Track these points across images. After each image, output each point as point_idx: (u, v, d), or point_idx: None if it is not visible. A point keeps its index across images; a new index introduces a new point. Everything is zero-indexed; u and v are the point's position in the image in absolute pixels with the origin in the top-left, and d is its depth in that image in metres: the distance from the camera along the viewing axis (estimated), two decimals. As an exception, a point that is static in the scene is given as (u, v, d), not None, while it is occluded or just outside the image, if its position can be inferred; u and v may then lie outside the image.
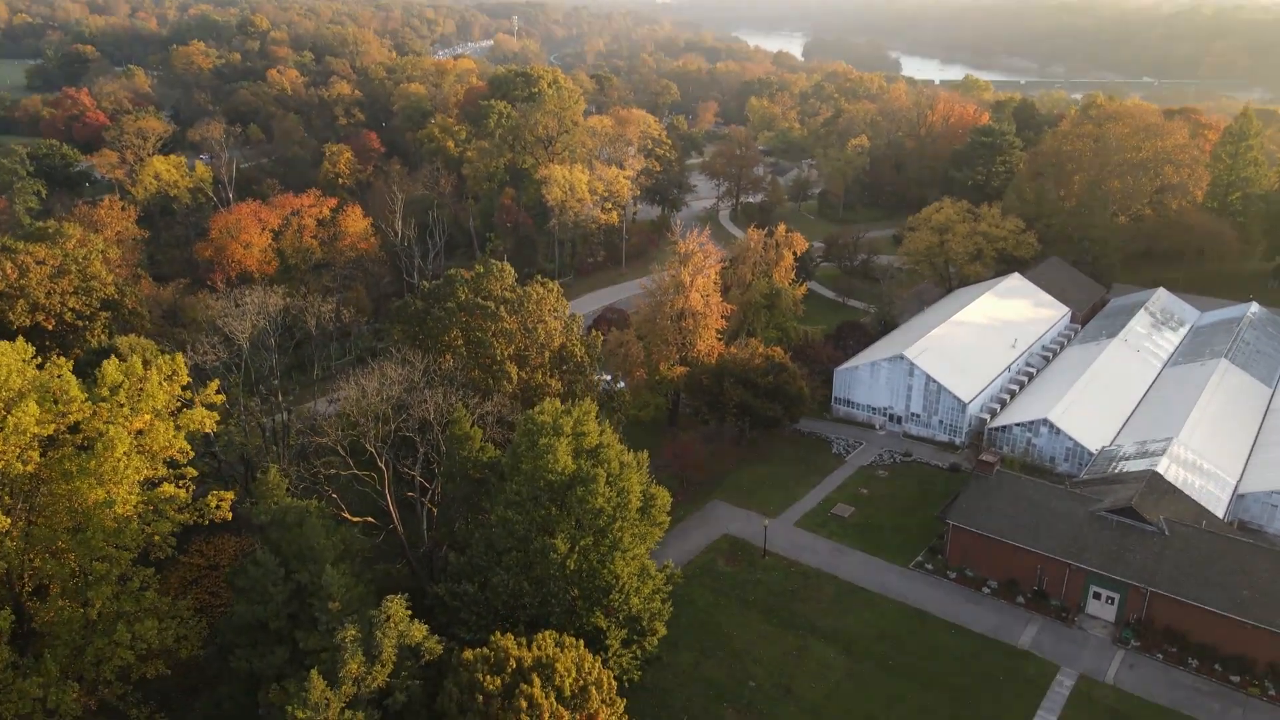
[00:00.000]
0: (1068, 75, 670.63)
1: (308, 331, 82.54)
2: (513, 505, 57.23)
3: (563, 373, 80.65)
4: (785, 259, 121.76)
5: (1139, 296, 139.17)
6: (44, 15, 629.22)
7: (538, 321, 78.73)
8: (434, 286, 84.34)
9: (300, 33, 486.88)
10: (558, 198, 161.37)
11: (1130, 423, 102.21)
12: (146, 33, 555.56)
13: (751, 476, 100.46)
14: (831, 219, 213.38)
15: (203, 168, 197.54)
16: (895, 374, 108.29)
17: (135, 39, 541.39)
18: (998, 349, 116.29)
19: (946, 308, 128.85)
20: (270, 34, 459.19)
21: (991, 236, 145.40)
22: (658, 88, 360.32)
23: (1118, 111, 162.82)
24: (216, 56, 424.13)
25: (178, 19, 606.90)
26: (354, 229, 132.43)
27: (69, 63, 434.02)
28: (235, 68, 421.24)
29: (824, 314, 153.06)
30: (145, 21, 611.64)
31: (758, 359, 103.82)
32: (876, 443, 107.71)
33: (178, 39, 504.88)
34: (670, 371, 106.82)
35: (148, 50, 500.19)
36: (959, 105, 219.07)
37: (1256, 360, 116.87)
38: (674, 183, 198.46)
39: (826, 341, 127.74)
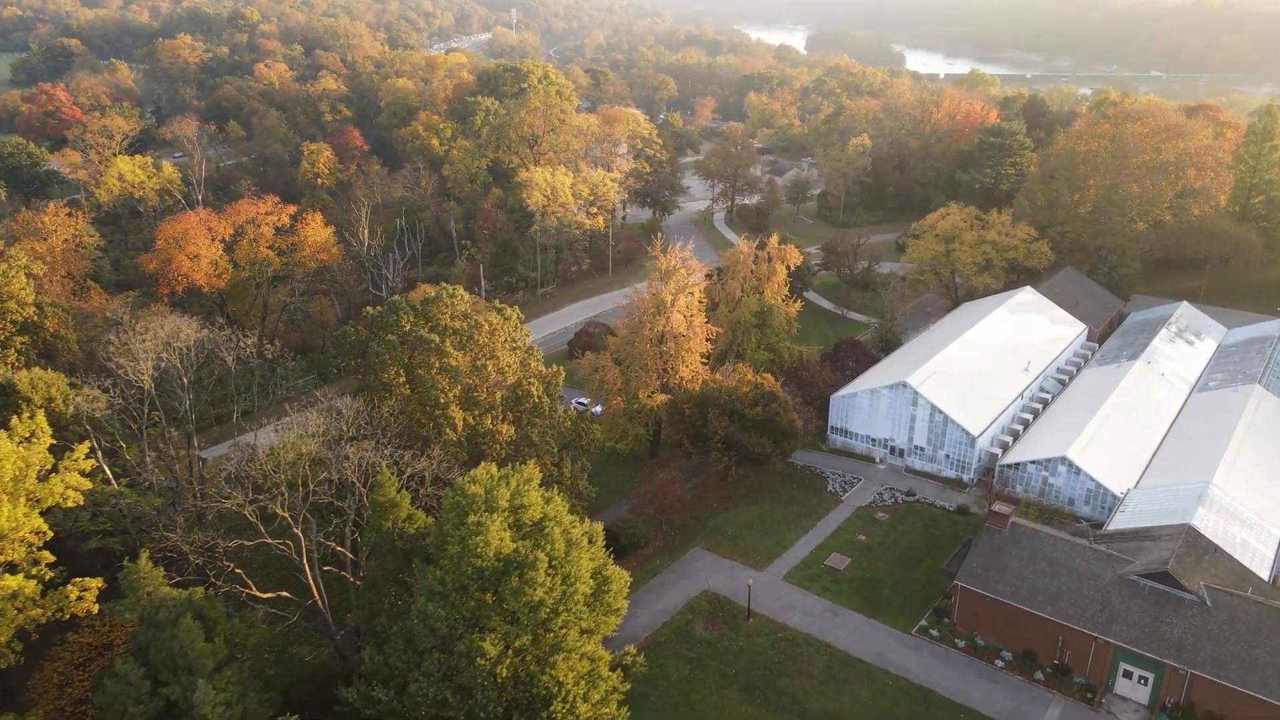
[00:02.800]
0: (1075, 69, 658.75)
1: (228, 367, 73.12)
2: (435, 596, 47.68)
3: (518, 414, 71.01)
4: (778, 273, 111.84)
5: (1160, 311, 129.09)
6: (35, 8, 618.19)
7: (489, 357, 68.98)
8: (377, 313, 74.66)
9: (291, 25, 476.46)
10: (539, 202, 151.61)
11: (1157, 459, 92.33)
12: (137, 25, 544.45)
13: (738, 519, 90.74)
14: (831, 222, 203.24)
15: (170, 168, 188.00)
16: (897, 403, 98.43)
17: (125, 32, 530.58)
18: (1010, 373, 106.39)
19: (953, 325, 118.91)
20: (259, 27, 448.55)
21: (1001, 245, 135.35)
22: (654, 83, 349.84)
23: (1136, 110, 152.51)
24: (203, 50, 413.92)
25: (170, 11, 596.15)
26: (315, 238, 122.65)
27: (53, 57, 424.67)
28: (223, 61, 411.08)
29: (822, 328, 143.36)
30: (137, 14, 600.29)
31: (745, 387, 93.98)
32: (876, 479, 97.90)
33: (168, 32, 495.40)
34: (650, 400, 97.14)
35: (137, 44, 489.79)
36: (965, 102, 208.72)
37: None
38: (666, 184, 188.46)
39: (823, 362, 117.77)
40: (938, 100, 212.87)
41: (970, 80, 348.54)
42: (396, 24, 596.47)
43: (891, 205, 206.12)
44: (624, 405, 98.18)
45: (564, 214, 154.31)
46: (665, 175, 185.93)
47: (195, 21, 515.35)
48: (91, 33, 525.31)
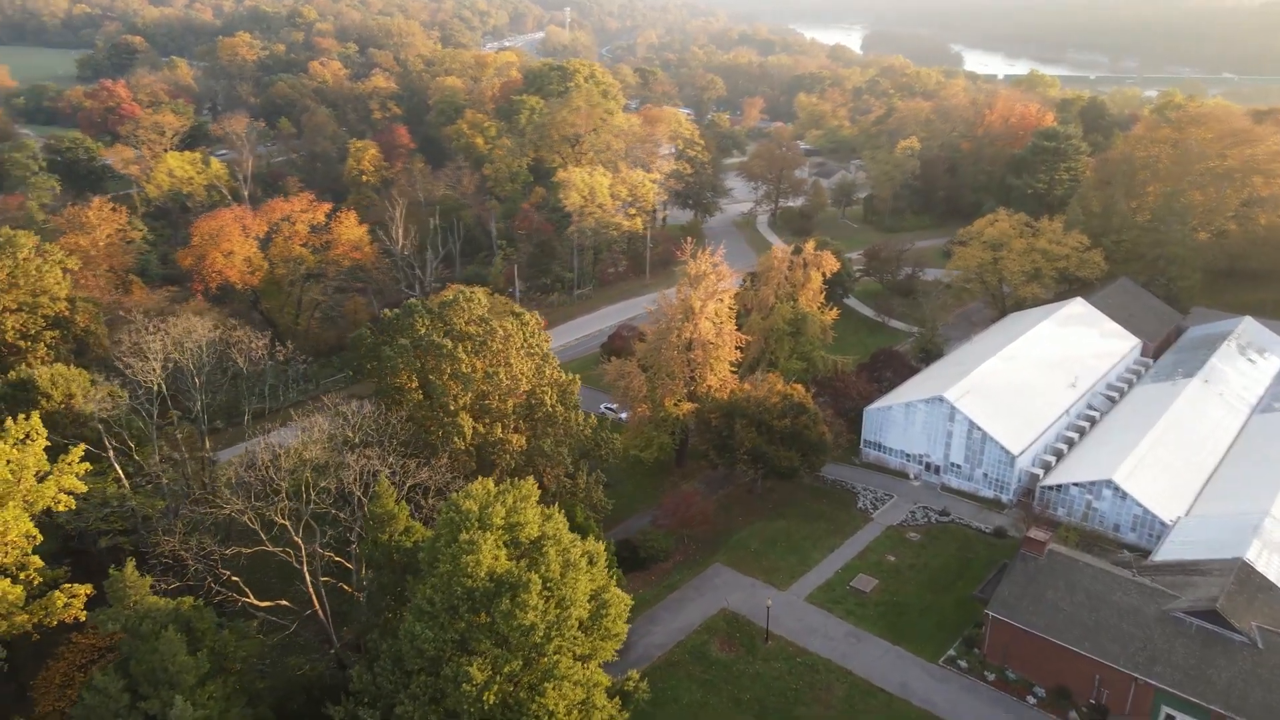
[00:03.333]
0: (1142, 71, 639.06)
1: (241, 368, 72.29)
2: (424, 616, 45.83)
3: (532, 423, 69.03)
4: (813, 280, 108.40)
5: (1221, 326, 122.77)
6: (104, 6, 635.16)
7: (502, 364, 67.11)
8: (393, 316, 73.33)
9: (347, 24, 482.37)
10: (576, 203, 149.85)
11: (1211, 485, 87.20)
12: (199, 24, 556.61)
13: (763, 534, 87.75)
14: (878, 226, 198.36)
15: (218, 164, 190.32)
16: (933, 418, 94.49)
17: (188, 30, 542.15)
18: (1055, 389, 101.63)
19: (997, 337, 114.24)
20: (316, 25, 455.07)
21: (1051, 254, 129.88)
22: (703, 83, 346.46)
23: (1200, 114, 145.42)
24: (260, 48, 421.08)
25: (233, 10, 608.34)
26: (348, 236, 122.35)
27: (117, 53, 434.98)
28: (279, 59, 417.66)
29: (861, 336, 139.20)
30: (200, 13, 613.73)
31: (774, 397, 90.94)
32: (909, 496, 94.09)
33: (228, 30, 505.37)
34: (676, 408, 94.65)
35: (199, 41, 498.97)
36: (1020, 104, 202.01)
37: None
38: (707, 186, 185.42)
39: (859, 372, 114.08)
40: (991, 102, 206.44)
41: (1029, 81, 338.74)
42: (450, 23, 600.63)
43: (940, 210, 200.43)
44: (649, 413, 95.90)
45: (601, 215, 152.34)
46: (706, 177, 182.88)
47: (255, 20, 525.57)
48: (156, 30, 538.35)
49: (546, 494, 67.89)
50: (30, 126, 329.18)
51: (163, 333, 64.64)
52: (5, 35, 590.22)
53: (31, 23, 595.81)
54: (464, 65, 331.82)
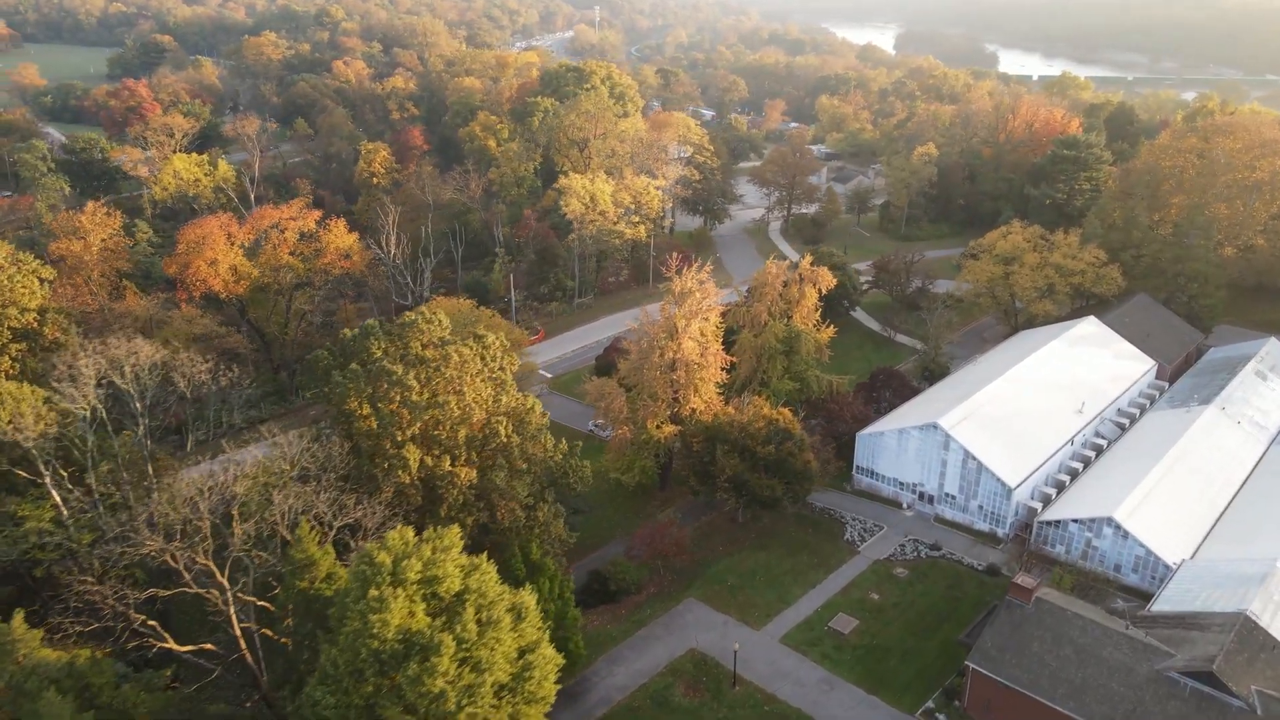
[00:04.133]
0: (1181, 71, 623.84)
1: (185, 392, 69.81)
2: (327, 680, 42.68)
3: (485, 455, 65.61)
4: (808, 297, 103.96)
5: (1244, 348, 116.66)
6: (139, 4, 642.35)
7: (453, 392, 63.79)
8: (350, 338, 70.36)
9: (373, 23, 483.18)
10: (577, 211, 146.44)
11: (1222, 524, 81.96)
12: (231, 22, 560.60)
13: (742, 567, 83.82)
14: (893, 235, 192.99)
15: (225, 166, 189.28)
16: (927, 445, 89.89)
17: (219, 28, 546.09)
18: (1060, 415, 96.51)
19: (1003, 357, 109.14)
20: (342, 24, 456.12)
21: (1065, 270, 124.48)
22: (725, 84, 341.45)
23: (1227, 124, 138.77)
24: (286, 48, 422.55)
25: (266, 9, 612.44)
26: (336, 244, 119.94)
27: (146, 52, 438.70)
28: (304, 59, 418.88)
29: (865, 351, 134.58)
30: (233, 11, 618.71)
31: (758, 422, 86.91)
32: (900, 527, 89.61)
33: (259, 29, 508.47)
34: (658, 431, 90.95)
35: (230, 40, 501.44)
36: (1044, 109, 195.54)
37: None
38: (716, 192, 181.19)
39: (857, 393, 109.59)
40: (1015, 107, 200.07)
41: (1060, 84, 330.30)
42: (478, 22, 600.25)
43: (958, 218, 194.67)
44: (631, 435, 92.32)
45: (603, 223, 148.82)
46: (716, 183, 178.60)
47: (285, 19, 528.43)
48: (187, 29, 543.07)
49: (499, 529, 64.57)
50: (57, 125, 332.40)
51: (98, 355, 62.13)
52: (42, 34, 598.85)
53: (68, 21, 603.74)
54: (484, 66, 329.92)
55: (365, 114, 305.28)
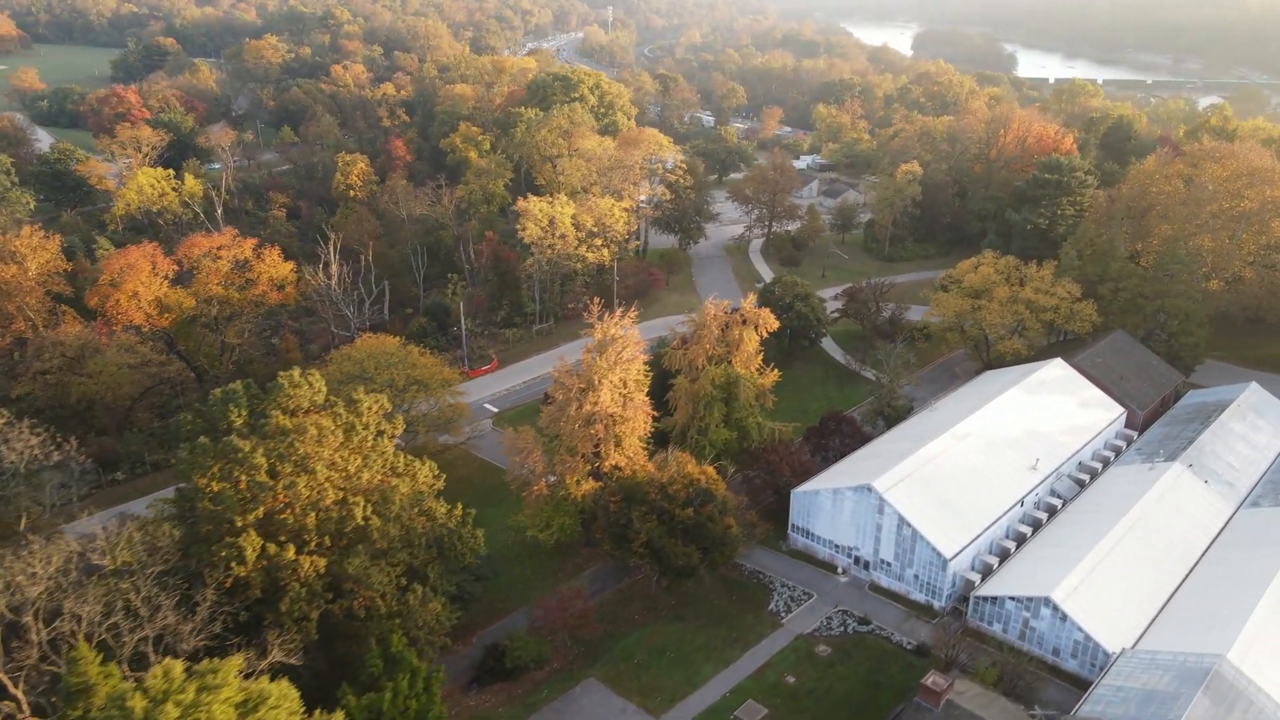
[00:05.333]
0: (1204, 74, 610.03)
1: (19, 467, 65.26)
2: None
3: (338, 539, 60.38)
4: (747, 342, 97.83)
5: (1222, 393, 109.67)
6: (150, 5, 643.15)
7: (304, 470, 58.66)
8: (214, 402, 65.42)
9: (376, 26, 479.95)
10: (534, 235, 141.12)
11: (1174, 603, 75.44)
12: (240, 24, 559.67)
13: (653, 641, 78.25)
14: (877, 255, 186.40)
15: (192, 180, 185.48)
16: (862, 508, 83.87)
17: (227, 30, 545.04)
18: (1011, 473, 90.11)
19: (958, 406, 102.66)
20: (344, 27, 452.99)
21: (1037, 305, 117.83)
22: (724, 90, 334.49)
23: (1217, 150, 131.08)
24: (286, 51, 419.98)
25: (277, 9, 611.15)
26: (270, 274, 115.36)
27: (149, 55, 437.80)
28: (305, 62, 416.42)
29: (828, 388, 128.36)
30: (244, 12, 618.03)
31: (677, 483, 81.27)
32: (831, 596, 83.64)
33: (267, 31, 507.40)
34: (577, 488, 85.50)
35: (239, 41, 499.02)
36: (1038, 124, 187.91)
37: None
38: (690, 211, 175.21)
39: (806, 440, 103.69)
40: (1007, 121, 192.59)
41: (1070, 91, 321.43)
42: (486, 23, 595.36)
43: (946, 238, 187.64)
44: (549, 491, 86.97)
45: (563, 246, 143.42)
46: (686, 203, 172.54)
47: (292, 20, 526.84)
48: (195, 30, 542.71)
49: (356, 620, 59.34)
50: (52, 129, 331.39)
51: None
52: (53, 34, 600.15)
53: (79, 22, 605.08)
54: (479, 71, 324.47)
55: (356, 121, 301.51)
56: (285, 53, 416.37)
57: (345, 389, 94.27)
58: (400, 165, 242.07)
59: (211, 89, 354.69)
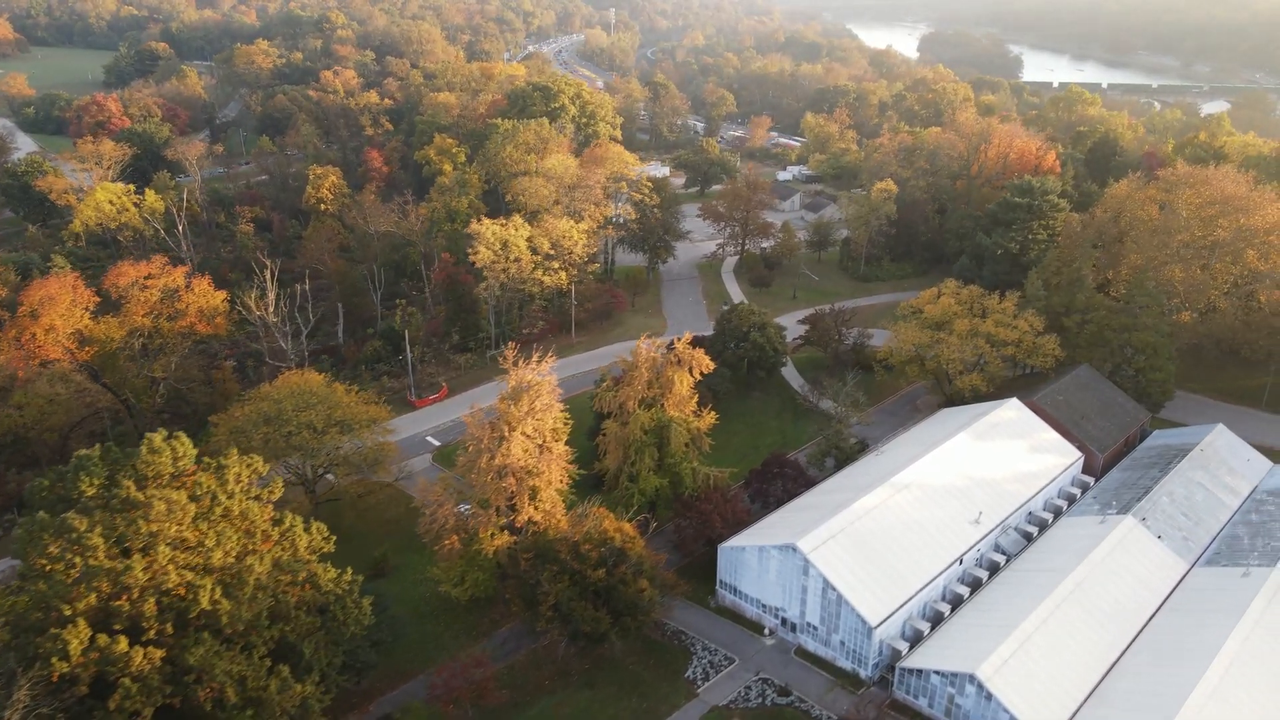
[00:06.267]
0: (1212, 77, 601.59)
1: None
2: None
3: (183, 626, 56.05)
4: (678, 385, 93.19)
5: (1187, 436, 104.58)
6: (150, 7, 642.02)
7: (143, 551, 54.47)
8: (68, 469, 61.32)
9: (370, 30, 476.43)
10: (486, 259, 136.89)
11: (1111, 679, 70.57)
12: (237, 27, 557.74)
13: (560, 712, 74.03)
14: (852, 274, 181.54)
15: (153, 196, 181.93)
16: (788, 568, 79.31)
17: (225, 33, 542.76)
18: (952, 529, 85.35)
19: (904, 451, 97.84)
20: (337, 32, 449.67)
21: (997, 339, 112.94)
22: (714, 99, 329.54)
23: (1191, 176, 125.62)
24: (278, 56, 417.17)
25: (278, 12, 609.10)
26: (200, 305, 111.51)
27: (141, 60, 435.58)
28: (296, 67, 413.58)
29: (784, 423, 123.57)
30: (244, 15, 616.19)
31: (589, 542, 76.91)
32: (753, 662, 79.09)
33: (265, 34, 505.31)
34: (490, 542, 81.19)
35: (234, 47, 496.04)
36: (1020, 140, 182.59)
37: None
38: (662, 229, 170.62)
39: (747, 484, 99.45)
40: (988, 135, 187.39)
41: (1067, 99, 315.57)
42: (485, 26, 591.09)
43: (923, 257, 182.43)
44: (461, 545, 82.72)
45: (517, 270, 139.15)
46: (655, 221, 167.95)
47: (289, 24, 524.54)
48: (192, 34, 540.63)
49: (201, 714, 55.15)
50: (39, 136, 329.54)
51: None
52: (53, 37, 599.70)
53: (79, 24, 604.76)
54: (466, 78, 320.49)
55: (339, 130, 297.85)
56: (276, 58, 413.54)
57: (255, 433, 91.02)
58: (377, 177, 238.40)
59: (199, 95, 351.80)
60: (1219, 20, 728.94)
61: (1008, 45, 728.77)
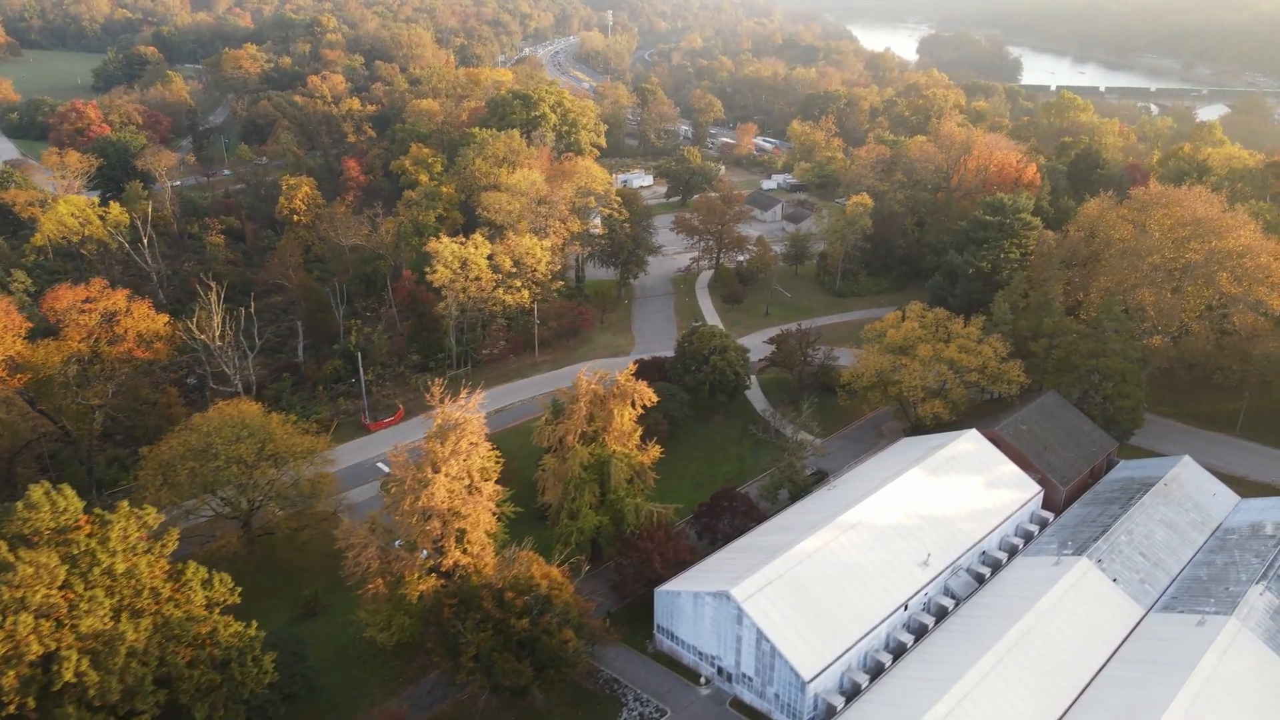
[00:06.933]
0: (1212, 80, 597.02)
1: None
2: None
3: (46, 699, 52.99)
4: (618, 419, 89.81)
5: (1152, 468, 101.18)
6: (145, 10, 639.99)
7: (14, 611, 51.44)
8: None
9: (361, 34, 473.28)
10: (444, 278, 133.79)
11: (1052, 738, 67.32)
12: (230, 30, 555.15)
13: (478, 768, 70.89)
14: (828, 289, 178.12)
15: (117, 208, 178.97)
16: (722, 616, 76.12)
17: (218, 37, 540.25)
18: (898, 572, 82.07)
19: (859, 483, 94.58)
20: (326, 36, 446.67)
21: (960, 365, 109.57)
22: (701, 105, 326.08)
23: (1163, 196, 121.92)
24: (265, 60, 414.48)
25: (273, 14, 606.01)
26: (139, 328, 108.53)
27: (129, 64, 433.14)
28: (284, 72, 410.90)
29: (741, 450, 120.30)
30: (238, 18, 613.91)
31: (512, 590, 73.75)
32: (687, 713, 75.94)
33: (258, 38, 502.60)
34: (416, 585, 78.14)
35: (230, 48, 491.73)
36: (999, 153, 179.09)
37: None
38: (627, 246, 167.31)
39: (694, 520, 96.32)
40: (969, 146, 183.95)
41: (1060, 105, 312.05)
42: (479, 29, 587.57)
43: (900, 271, 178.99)
44: (386, 590, 79.63)
45: (476, 290, 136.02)
46: (624, 236, 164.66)
47: (281, 27, 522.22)
48: (184, 38, 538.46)
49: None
50: (23, 142, 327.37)
51: None
52: (46, 40, 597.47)
53: (72, 28, 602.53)
54: (451, 84, 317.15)
55: (321, 137, 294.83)
56: (264, 62, 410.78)
57: (181, 468, 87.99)
58: (354, 187, 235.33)
59: (184, 101, 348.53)
60: (1220, 21, 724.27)
61: (1008, 47, 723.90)
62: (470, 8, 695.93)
